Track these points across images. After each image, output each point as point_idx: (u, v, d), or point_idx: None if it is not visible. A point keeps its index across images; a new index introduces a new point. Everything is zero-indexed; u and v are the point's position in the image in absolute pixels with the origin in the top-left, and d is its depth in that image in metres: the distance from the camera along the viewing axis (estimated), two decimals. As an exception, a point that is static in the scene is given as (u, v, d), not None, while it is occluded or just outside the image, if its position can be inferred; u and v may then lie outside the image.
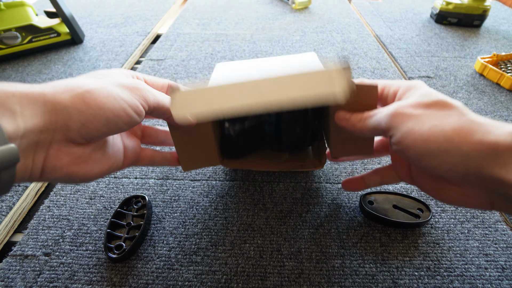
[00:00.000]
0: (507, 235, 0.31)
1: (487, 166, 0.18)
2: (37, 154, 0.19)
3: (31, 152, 0.18)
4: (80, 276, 0.28)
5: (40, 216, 0.33)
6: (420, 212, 0.32)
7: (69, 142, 0.20)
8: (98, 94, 0.20)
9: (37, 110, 0.18)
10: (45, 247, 0.30)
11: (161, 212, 0.34)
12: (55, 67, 0.61)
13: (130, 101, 0.21)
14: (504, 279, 0.28)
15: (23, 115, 0.17)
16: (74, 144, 0.20)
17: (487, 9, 0.76)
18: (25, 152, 0.17)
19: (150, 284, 0.27)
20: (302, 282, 0.28)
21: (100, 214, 0.33)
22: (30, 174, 0.19)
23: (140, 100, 0.22)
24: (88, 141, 0.21)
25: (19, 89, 0.18)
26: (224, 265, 0.29)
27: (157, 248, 0.30)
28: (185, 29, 0.78)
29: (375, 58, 0.65)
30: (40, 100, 0.18)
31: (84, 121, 0.19)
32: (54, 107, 0.18)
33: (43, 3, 0.92)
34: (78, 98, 0.19)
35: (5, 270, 0.28)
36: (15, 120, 0.16)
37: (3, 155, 0.15)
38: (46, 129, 0.18)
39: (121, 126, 0.21)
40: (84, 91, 0.19)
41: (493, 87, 0.56)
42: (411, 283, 0.27)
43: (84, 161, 0.21)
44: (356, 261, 0.29)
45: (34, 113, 0.18)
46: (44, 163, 0.19)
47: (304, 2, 0.90)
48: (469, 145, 0.18)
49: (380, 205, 0.33)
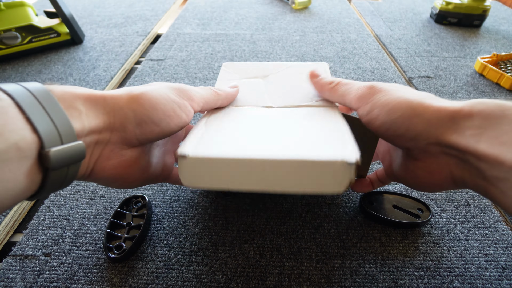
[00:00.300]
0: (507, 235, 0.31)
1: (445, 132, 0.19)
2: (94, 153, 0.20)
3: (90, 150, 0.19)
4: (80, 276, 0.28)
5: (40, 216, 0.33)
6: (420, 212, 0.32)
7: (124, 143, 0.21)
8: (151, 96, 0.21)
9: (98, 111, 0.19)
10: (45, 247, 0.30)
11: (161, 212, 0.34)
12: (55, 67, 0.61)
13: (179, 101, 0.22)
14: (504, 279, 0.28)
15: (87, 116, 0.18)
16: (126, 146, 0.21)
17: (487, 9, 0.76)
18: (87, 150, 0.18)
19: (150, 284, 0.27)
20: (302, 282, 0.28)
21: (100, 214, 0.33)
22: (84, 172, 0.20)
23: (188, 100, 0.23)
24: (141, 142, 0.22)
25: (83, 92, 0.19)
26: (224, 265, 0.29)
27: (157, 248, 0.30)
28: (185, 29, 0.78)
29: (375, 58, 0.65)
30: (100, 103, 0.19)
31: (139, 121, 0.20)
32: (112, 108, 0.20)
33: (43, 3, 0.92)
34: (133, 100, 0.20)
35: (5, 270, 0.28)
36: (81, 119, 0.18)
37: (74, 151, 0.16)
38: (106, 129, 0.19)
39: (172, 127, 0.22)
40: (139, 93, 0.21)
41: (493, 87, 0.56)
42: (411, 283, 0.27)
43: (130, 165, 0.22)
44: (356, 261, 0.29)
45: (96, 114, 0.19)
46: (96, 161, 0.20)
47: (304, 2, 0.90)
48: (430, 113, 0.19)
49: (380, 205, 0.33)
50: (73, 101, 0.18)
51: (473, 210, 0.34)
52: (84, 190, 0.36)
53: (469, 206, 0.34)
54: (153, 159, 0.25)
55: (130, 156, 0.22)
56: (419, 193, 0.36)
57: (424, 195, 0.35)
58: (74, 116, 0.17)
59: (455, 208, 0.34)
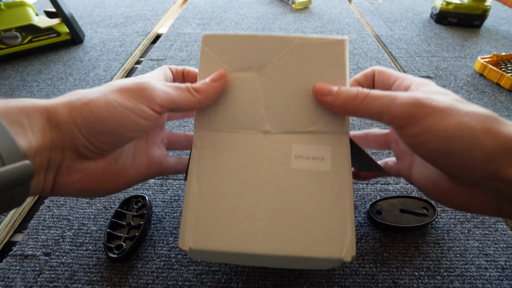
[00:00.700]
0: (507, 235, 0.31)
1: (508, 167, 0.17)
2: (48, 172, 0.18)
3: (43, 170, 0.18)
4: (80, 276, 0.28)
5: (40, 216, 0.33)
6: (426, 211, 0.32)
7: (81, 158, 0.19)
8: (95, 106, 0.18)
9: (43, 126, 0.17)
10: (45, 247, 0.30)
11: (161, 212, 0.34)
12: (55, 67, 0.61)
13: (131, 106, 0.19)
14: (504, 279, 0.28)
15: (33, 132, 0.16)
16: (86, 160, 0.19)
17: (487, 9, 0.76)
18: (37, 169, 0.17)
19: (150, 284, 0.27)
20: (302, 282, 0.28)
21: (100, 214, 0.33)
22: (42, 190, 0.18)
23: (146, 102, 0.20)
24: (101, 154, 0.20)
25: (27, 104, 0.17)
26: (224, 265, 0.29)
27: (157, 248, 0.30)
28: (185, 29, 0.78)
29: (375, 58, 0.65)
30: (45, 116, 0.17)
31: (87, 136, 0.18)
32: (56, 123, 0.18)
33: (43, 3, 0.92)
34: (76, 112, 0.18)
35: (5, 270, 0.28)
36: (27, 136, 0.16)
37: (19, 172, 0.15)
38: (55, 146, 0.18)
39: (129, 135, 0.20)
40: (82, 104, 0.18)
41: (493, 87, 0.56)
42: (411, 283, 0.27)
43: (98, 176, 0.20)
44: (356, 261, 0.29)
45: (41, 129, 0.17)
46: (54, 179, 0.18)
47: (304, 2, 0.90)
48: (494, 144, 0.17)
49: (387, 212, 0.32)
50: (18, 115, 0.16)
51: (473, 210, 0.34)
52: (84, 190, 0.36)
53: (469, 206, 0.34)
54: (128, 161, 0.22)
55: (94, 167, 0.20)
56: (419, 192, 0.36)
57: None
58: (19, 133, 0.16)
59: (455, 208, 0.34)
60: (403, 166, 0.26)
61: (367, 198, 0.35)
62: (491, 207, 0.19)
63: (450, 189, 0.21)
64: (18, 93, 0.53)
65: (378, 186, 0.36)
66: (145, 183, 0.37)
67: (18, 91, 0.54)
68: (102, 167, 0.20)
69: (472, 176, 0.18)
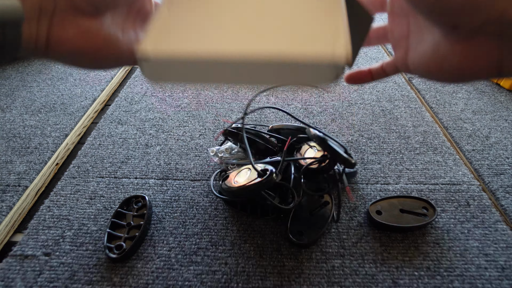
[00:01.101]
0: (507, 235, 0.31)
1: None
2: (41, 21, 0.18)
3: (34, 18, 0.17)
4: (80, 276, 0.28)
5: (40, 216, 0.33)
6: (425, 211, 0.32)
7: (75, 11, 0.19)
8: None
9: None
10: (45, 247, 0.30)
11: (161, 212, 0.34)
12: (55, 67, 0.61)
13: None
14: (504, 279, 0.28)
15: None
16: (81, 15, 0.19)
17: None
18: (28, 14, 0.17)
19: (150, 284, 0.27)
20: (302, 282, 0.28)
21: (100, 214, 0.33)
22: (35, 43, 0.18)
23: None
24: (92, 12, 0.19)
25: None
26: (224, 265, 0.29)
27: (157, 248, 0.30)
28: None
29: (375, 58, 0.65)
30: None
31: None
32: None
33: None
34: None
35: (5, 270, 0.28)
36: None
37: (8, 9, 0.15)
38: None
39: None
40: None
41: (493, 87, 0.56)
42: (411, 283, 0.27)
43: (93, 37, 0.19)
44: (356, 261, 0.29)
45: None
46: (48, 32, 0.18)
47: None
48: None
49: (388, 212, 0.32)
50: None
51: (473, 210, 0.34)
52: (84, 190, 0.36)
53: (469, 206, 0.34)
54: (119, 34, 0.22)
55: (88, 26, 0.19)
56: (419, 193, 0.36)
57: (424, 195, 0.35)
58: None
59: (455, 208, 0.34)
60: (400, 54, 0.25)
61: (367, 198, 0.35)
62: (492, 62, 0.18)
63: (447, 51, 0.20)
64: (18, 93, 0.53)
65: (378, 186, 0.37)
66: (145, 183, 0.37)
67: (18, 91, 0.54)
68: (96, 29, 0.20)
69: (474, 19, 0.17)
